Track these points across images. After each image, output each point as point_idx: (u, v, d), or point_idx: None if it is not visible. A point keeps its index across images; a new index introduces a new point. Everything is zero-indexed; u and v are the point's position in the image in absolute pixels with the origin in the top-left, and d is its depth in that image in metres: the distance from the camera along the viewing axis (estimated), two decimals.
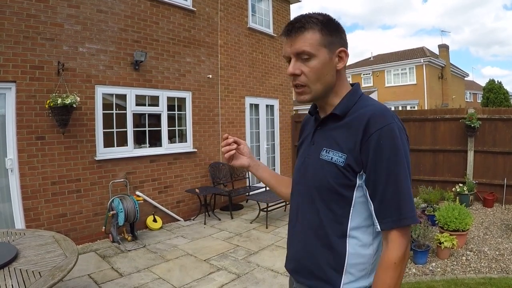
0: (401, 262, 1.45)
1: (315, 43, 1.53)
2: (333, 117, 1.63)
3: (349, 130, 1.55)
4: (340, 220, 1.56)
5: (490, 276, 5.13)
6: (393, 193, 1.44)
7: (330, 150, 1.58)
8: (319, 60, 1.54)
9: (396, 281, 1.45)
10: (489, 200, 9.10)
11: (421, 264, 5.62)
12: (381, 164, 1.45)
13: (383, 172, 1.45)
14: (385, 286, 1.45)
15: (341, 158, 1.53)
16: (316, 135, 1.71)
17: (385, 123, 1.46)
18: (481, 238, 6.79)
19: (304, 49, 1.53)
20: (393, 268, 1.45)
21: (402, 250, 1.46)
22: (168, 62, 8.48)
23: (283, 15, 12.52)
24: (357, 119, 1.54)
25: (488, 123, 9.49)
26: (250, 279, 5.35)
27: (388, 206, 1.45)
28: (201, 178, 9.27)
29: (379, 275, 1.49)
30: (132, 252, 6.45)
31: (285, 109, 12.50)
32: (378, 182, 1.46)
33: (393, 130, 1.46)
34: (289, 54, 1.58)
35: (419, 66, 31.80)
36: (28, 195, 6.15)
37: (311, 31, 1.53)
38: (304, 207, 1.68)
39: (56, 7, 6.45)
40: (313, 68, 1.55)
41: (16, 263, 3.37)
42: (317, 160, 1.62)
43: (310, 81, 1.56)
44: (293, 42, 1.55)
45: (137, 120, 8.13)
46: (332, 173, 1.54)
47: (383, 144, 1.44)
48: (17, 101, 6.02)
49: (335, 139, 1.59)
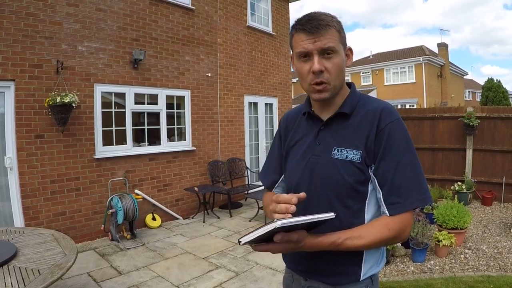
0: (393, 232, 1.51)
1: (338, 40, 1.57)
2: (340, 116, 1.67)
3: (360, 126, 1.60)
4: (357, 214, 1.61)
5: (488, 274, 5.13)
6: (403, 179, 1.50)
7: (343, 149, 1.61)
8: (340, 57, 1.58)
9: (378, 240, 1.51)
10: (488, 199, 9.10)
11: (419, 262, 5.62)
12: (391, 153, 1.52)
13: (393, 160, 1.52)
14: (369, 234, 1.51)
15: (356, 155, 1.57)
16: (321, 135, 1.71)
17: (395, 117, 1.57)
18: (479, 236, 6.80)
19: (330, 45, 1.54)
20: (384, 231, 1.51)
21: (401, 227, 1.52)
22: (167, 60, 8.48)
23: (282, 14, 12.53)
24: (367, 115, 1.61)
25: (487, 121, 9.49)
26: (249, 277, 5.36)
27: (396, 192, 1.50)
28: (200, 177, 9.28)
29: (371, 224, 1.57)
30: (131, 250, 6.46)
31: (284, 107, 12.49)
32: (387, 170, 1.52)
33: (401, 123, 1.56)
34: (312, 50, 1.55)
35: (418, 65, 31.83)
36: (27, 194, 6.16)
37: (333, 28, 1.57)
38: (314, 208, 1.66)
39: (55, 6, 6.45)
40: (335, 65, 1.57)
41: (15, 261, 3.38)
42: (329, 159, 1.63)
43: (332, 78, 1.58)
44: (318, 39, 1.54)
45: (136, 119, 8.14)
46: (349, 171, 1.57)
47: (395, 135, 1.53)
48: (16, 99, 6.03)
49: (346, 137, 1.62)
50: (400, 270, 5.42)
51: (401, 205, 1.49)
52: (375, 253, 1.66)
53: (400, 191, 1.49)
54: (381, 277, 5.17)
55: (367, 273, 1.64)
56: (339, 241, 1.48)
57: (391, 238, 1.51)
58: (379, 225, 1.52)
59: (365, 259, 1.63)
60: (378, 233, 1.50)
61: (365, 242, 1.49)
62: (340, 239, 1.48)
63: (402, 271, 5.37)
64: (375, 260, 1.67)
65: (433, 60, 32.22)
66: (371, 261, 1.65)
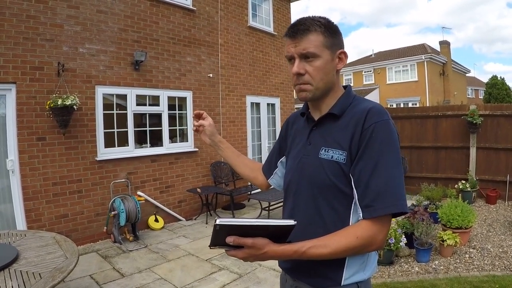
0: (361, 241, 1.46)
1: (319, 44, 1.59)
2: (330, 117, 1.68)
3: (347, 127, 1.59)
4: (343, 217, 1.58)
5: (494, 273, 5.10)
6: (379, 181, 1.46)
7: (329, 149, 1.61)
8: (322, 60, 1.60)
9: (344, 248, 1.47)
10: (492, 197, 9.06)
11: (424, 262, 5.59)
12: (369, 153, 1.49)
13: (371, 160, 1.48)
14: (335, 243, 1.47)
15: (341, 156, 1.56)
16: (312, 135, 1.74)
17: (382, 118, 1.53)
18: (484, 236, 6.76)
19: (309, 50, 1.58)
20: (352, 239, 1.46)
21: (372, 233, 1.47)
22: (169, 61, 8.47)
23: (283, 14, 12.50)
24: (355, 115, 1.59)
25: (490, 119, 9.45)
26: (252, 278, 5.34)
27: (372, 194, 1.46)
28: (202, 178, 9.26)
29: (338, 232, 1.51)
30: (133, 252, 6.45)
31: (286, 107, 12.46)
32: (364, 170, 1.49)
33: (388, 124, 1.52)
34: (293, 54, 1.62)
35: (421, 63, 31.75)
36: (29, 196, 6.16)
37: (315, 33, 1.59)
38: (301, 207, 1.70)
39: (55, 8, 6.45)
40: (317, 68, 1.60)
41: (16, 264, 3.37)
42: (316, 159, 1.65)
43: (314, 80, 1.61)
44: (297, 43, 1.60)
45: (138, 120, 8.13)
46: (334, 171, 1.57)
47: (377, 136, 1.49)
48: (18, 102, 6.03)
49: (333, 137, 1.63)
50: (405, 270, 5.39)
51: (374, 209, 1.45)
52: (359, 258, 1.62)
53: (375, 194, 1.46)
54: (385, 278, 5.15)
55: (351, 278, 1.61)
56: (302, 249, 1.45)
57: (360, 246, 1.47)
58: (347, 233, 1.49)
59: (348, 264, 1.60)
60: (345, 242, 1.46)
61: (329, 251, 1.46)
62: (303, 248, 1.45)
63: (406, 272, 5.34)
64: (359, 265, 1.63)
65: (435, 58, 32.13)
66: (355, 266, 1.62)
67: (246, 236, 1.39)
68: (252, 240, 1.39)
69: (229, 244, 1.39)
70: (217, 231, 1.32)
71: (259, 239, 1.40)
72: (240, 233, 1.38)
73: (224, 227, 1.32)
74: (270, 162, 2.14)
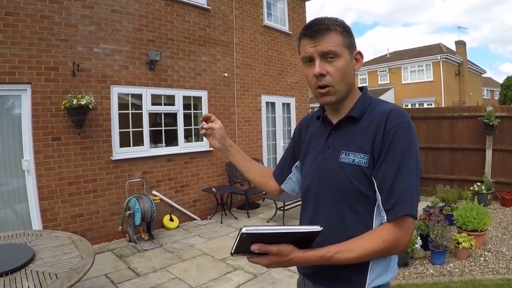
0: (388, 243, 1.45)
1: (340, 44, 1.57)
2: (350, 120, 1.65)
3: (368, 130, 1.57)
4: (366, 221, 1.56)
5: (508, 277, 5.00)
6: (403, 184, 1.45)
7: (350, 153, 1.59)
8: (343, 60, 1.57)
9: (371, 252, 1.45)
10: (508, 200, 8.90)
11: (438, 264, 5.51)
12: (392, 156, 1.48)
13: (394, 163, 1.47)
14: (361, 246, 1.45)
15: (363, 159, 1.54)
16: (331, 139, 1.71)
17: (403, 119, 1.51)
18: (499, 239, 6.64)
19: (331, 49, 1.54)
20: (378, 242, 1.45)
21: (397, 235, 1.46)
22: (184, 61, 8.46)
23: (298, 13, 12.44)
24: (375, 118, 1.57)
25: (507, 121, 9.27)
26: (267, 279, 5.30)
27: (396, 197, 1.45)
28: (217, 177, 9.25)
29: (364, 235, 1.50)
30: (148, 251, 6.45)
31: (301, 107, 12.40)
32: (388, 173, 1.47)
33: (409, 126, 1.51)
34: (313, 53, 1.57)
35: (436, 63, 31.42)
36: (44, 196, 6.18)
37: (335, 32, 1.56)
38: (322, 212, 1.67)
39: (70, 8, 6.46)
40: (338, 68, 1.56)
41: (32, 264, 3.36)
42: (336, 163, 1.62)
43: (335, 81, 1.57)
44: (318, 42, 1.55)
45: (153, 120, 8.14)
46: (356, 174, 1.55)
47: (398, 138, 1.48)
48: (33, 102, 6.05)
49: (354, 141, 1.60)
50: (419, 272, 5.32)
51: (397, 211, 1.44)
52: (382, 261, 1.61)
53: (398, 196, 1.45)
54: (400, 280, 5.09)
55: (374, 282, 1.59)
56: (328, 254, 1.43)
57: (386, 249, 1.46)
58: (373, 236, 1.47)
59: (371, 267, 1.58)
60: (371, 245, 1.45)
61: (356, 255, 1.44)
62: (330, 253, 1.43)
63: (421, 274, 5.27)
64: (382, 268, 1.61)
65: (451, 58, 31.76)
66: (378, 269, 1.60)
67: (271, 243, 1.35)
68: (277, 247, 1.36)
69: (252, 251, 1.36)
70: (242, 239, 1.29)
71: (284, 246, 1.37)
72: (265, 241, 1.34)
73: (250, 235, 1.29)
74: (283, 167, 2.09)
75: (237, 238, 1.30)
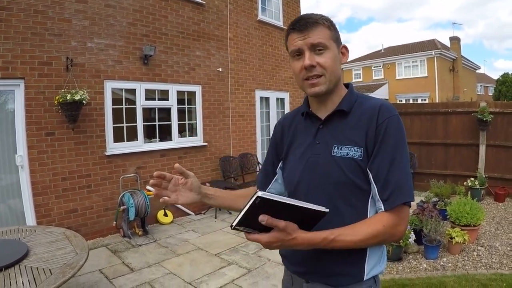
0: (387, 229, 1.49)
1: (328, 37, 1.61)
2: (338, 114, 1.68)
3: (359, 124, 1.61)
4: (361, 213, 1.59)
5: (501, 272, 5.06)
6: (397, 174, 1.50)
7: (343, 146, 1.60)
8: (332, 52, 1.61)
9: (371, 236, 1.48)
10: (501, 195, 8.97)
11: (432, 259, 5.56)
12: (385, 148, 1.52)
13: (387, 155, 1.52)
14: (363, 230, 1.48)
15: (357, 152, 1.57)
16: (320, 133, 1.71)
17: (393, 113, 1.58)
18: (492, 233, 6.70)
19: (320, 41, 1.58)
20: (379, 227, 1.48)
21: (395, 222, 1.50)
22: (178, 56, 8.44)
23: (293, 8, 12.40)
24: (366, 112, 1.62)
25: (501, 117, 9.35)
26: (261, 273, 5.32)
27: (392, 187, 1.49)
28: (211, 172, 9.25)
29: (364, 221, 1.54)
30: (143, 246, 6.46)
31: (295, 102, 12.36)
32: (383, 164, 1.51)
33: (399, 119, 1.58)
34: (302, 46, 1.60)
35: (430, 59, 31.52)
36: (38, 191, 6.17)
37: (323, 26, 1.61)
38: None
39: (63, 3, 6.42)
40: (328, 59, 1.60)
41: (26, 260, 3.37)
42: (329, 157, 1.63)
43: (327, 71, 1.60)
44: (307, 35, 1.59)
45: (147, 115, 8.13)
46: (351, 167, 1.57)
47: (391, 131, 1.53)
48: (26, 97, 6.02)
49: (345, 135, 1.62)
50: (413, 267, 5.36)
51: (394, 200, 1.48)
52: (378, 251, 1.65)
53: (394, 187, 1.49)
54: (394, 274, 5.13)
55: (371, 272, 1.62)
56: (331, 236, 1.43)
57: (385, 234, 1.49)
58: (373, 222, 1.51)
59: (369, 257, 1.61)
60: (372, 229, 1.48)
61: (359, 238, 1.46)
62: (332, 235, 1.43)
63: (414, 268, 5.31)
64: (378, 258, 1.65)
65: (445, 54, 31.87)
66: (374, 259, 1.63)
67: (277, 217, 1.32)
68: (285, 222, 1.33)
69: (253, 227, 1.33)
70: (255, 205, 1.24)
71: (290, 223, 1.36)
72: (273, 213, 1.30)
73: (264, 201, 1.23)
74: (266, 175, 2.00)
75: (247, 204, 1.25)
